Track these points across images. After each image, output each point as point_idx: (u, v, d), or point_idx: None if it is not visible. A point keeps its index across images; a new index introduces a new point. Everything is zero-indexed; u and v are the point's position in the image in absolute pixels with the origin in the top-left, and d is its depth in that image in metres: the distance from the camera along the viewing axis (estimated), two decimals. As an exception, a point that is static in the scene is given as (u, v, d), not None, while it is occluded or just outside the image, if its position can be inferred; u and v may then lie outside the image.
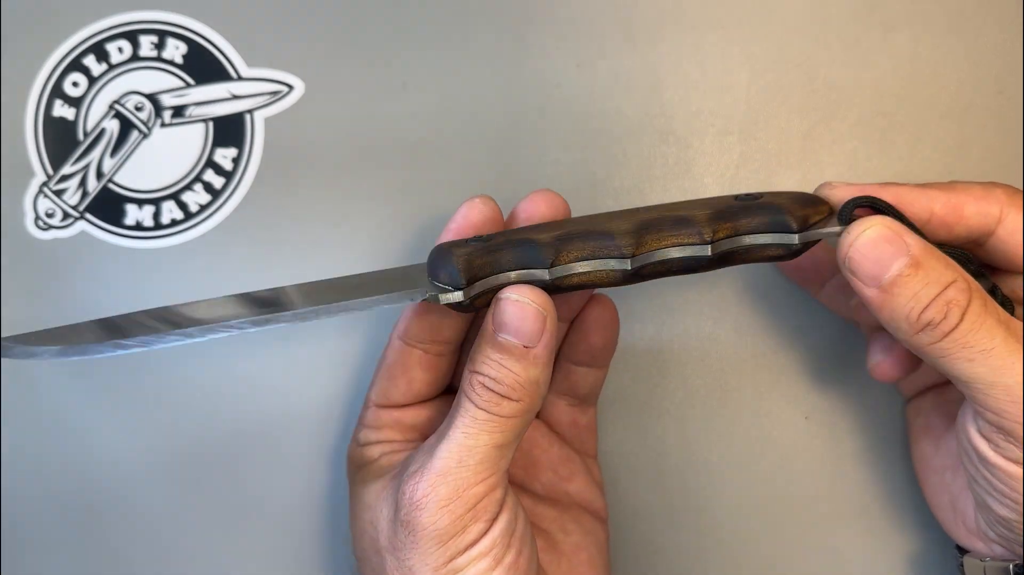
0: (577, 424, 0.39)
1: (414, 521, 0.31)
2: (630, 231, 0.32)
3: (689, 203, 0.33)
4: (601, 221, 0.33)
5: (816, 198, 0.33)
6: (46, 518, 0.42)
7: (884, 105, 0.41)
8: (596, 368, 0.38)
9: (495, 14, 0.41)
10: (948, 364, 0.31)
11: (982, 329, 0.31)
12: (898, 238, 0.31)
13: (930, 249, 0.31)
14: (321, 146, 0.42)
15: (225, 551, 0.42)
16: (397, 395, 0.35)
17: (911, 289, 0.31)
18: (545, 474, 0.39)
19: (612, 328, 0.37)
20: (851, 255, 0.31)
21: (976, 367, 0.31)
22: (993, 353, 0.30)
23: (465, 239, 0.33)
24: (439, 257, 0.32)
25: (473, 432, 0.31)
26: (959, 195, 0.33)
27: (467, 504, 0.31)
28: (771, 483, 0.41)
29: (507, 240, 0.32)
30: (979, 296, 0.31)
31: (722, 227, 0.32)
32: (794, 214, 0.32)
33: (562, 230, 0.32)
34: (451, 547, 0.31)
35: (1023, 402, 0.30)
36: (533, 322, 0.31)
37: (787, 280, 0.41)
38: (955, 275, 0.31)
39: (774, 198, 0.33)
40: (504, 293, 0.31)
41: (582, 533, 0.38)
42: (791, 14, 0.41)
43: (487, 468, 0.31)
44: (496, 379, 0.31)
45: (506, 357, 0.31)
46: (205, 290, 0.42)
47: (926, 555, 0.41)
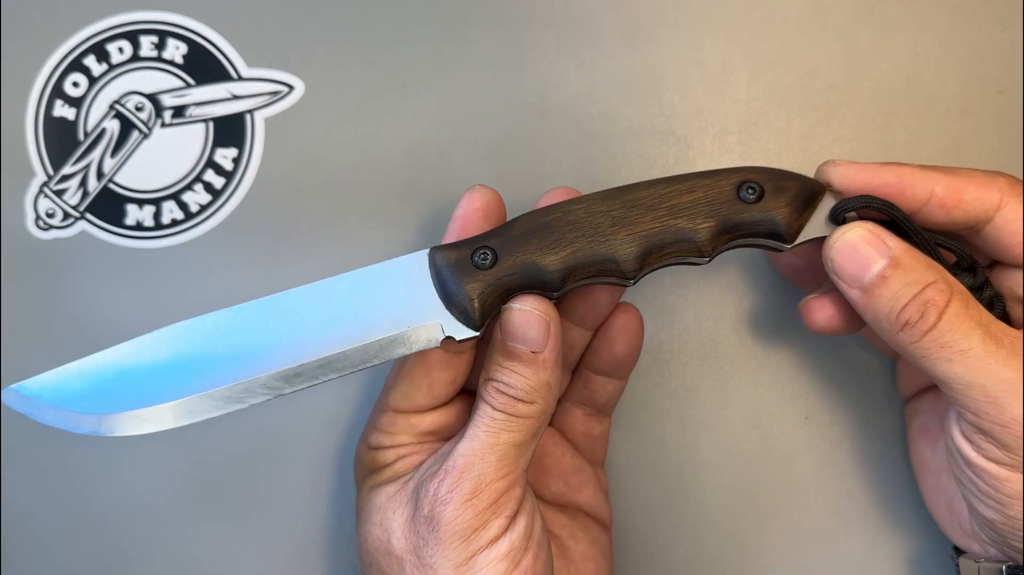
0: (591, 434, 0.39)
1: (438, 516, 0.32)
2: (636, 256, 0.33)
3: (692, 204, 0.33)
4: (606, 235, 0.33)
5: (815, 194, 0.33)
6: (46, 518, 0.42)
7: (884, 105, 0.41)
8: (616, 379, 0.38)
9: (495, 14, 0.41)
10: (929, 364, 0.32)
11: (960, 330, 0.31)
12: (878, 240, 0.32)
13: (911, 251, 0.32)
14: (321, 146, 0.42)
15: (229, 551, 0.42)
16: (419, 398, 0.35)
17: (890, 289, 0.31)
18: (556, 483, 0.39)
19: (637, 338, 0.38)
20: (833, 257, 0.32)
21: (954, 367, 0.31)
22: (970, 354, 0.31)
23: (472, 245, 0.33)
24: (455, 293, 0.33)
25: (494, 431, 0.32)
26: (960, 179, 0.34)
27: (489, 499, 0.32)
28: (771, 483, 0.41)
29: (516, 269, 0.33)
30: (960, 297, 0.31)
31: (722, 239, 0.33)
32: (791, 225, 0.33)
33: (569, 251, 0.33)
34: (473, 543, 0.32)
35: (1001, 403, 0.31)
36: (538, 329, 0.32)
37: (787, 280, 0.41)
38: (935, 276, 0.31)
39: (775, 202, 0.33)
40: (509, 303, 0.33)
41: (589, 541, 0.38)
42: (791, 14, 0.41)
43: (507, 465, 0.32)
44: (509, 384, 0.33)
45: (516, 363, 0.33)
46: (205, 290, 0.42)
47: (925, 555, 0.41)
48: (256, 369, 0.32)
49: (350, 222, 0.42)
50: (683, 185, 0.33)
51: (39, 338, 0.42)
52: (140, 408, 0.32)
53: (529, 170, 0.41)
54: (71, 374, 0.33)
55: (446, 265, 0.33)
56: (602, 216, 0.33)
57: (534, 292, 0.33)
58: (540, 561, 0.33)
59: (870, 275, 0.32)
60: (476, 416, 0.33)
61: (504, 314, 0.33)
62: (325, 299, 0.33)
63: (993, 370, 0.31)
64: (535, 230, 0.33)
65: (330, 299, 0.33)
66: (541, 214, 0.33)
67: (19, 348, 0.42)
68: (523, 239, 0.33)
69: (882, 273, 0.31)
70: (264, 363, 0.32)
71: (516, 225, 0.33)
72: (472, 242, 0.33)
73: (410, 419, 0.36)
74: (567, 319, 0.37)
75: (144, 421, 0.32)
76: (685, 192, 0.33)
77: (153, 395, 0.32)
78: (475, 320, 0.33)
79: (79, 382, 0.33)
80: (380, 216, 0.41)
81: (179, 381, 0.32)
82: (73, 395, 0.33)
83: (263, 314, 0.33)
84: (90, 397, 0.32)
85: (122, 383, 0.32)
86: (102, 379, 0.33)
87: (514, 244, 0.33)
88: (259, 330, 0.33)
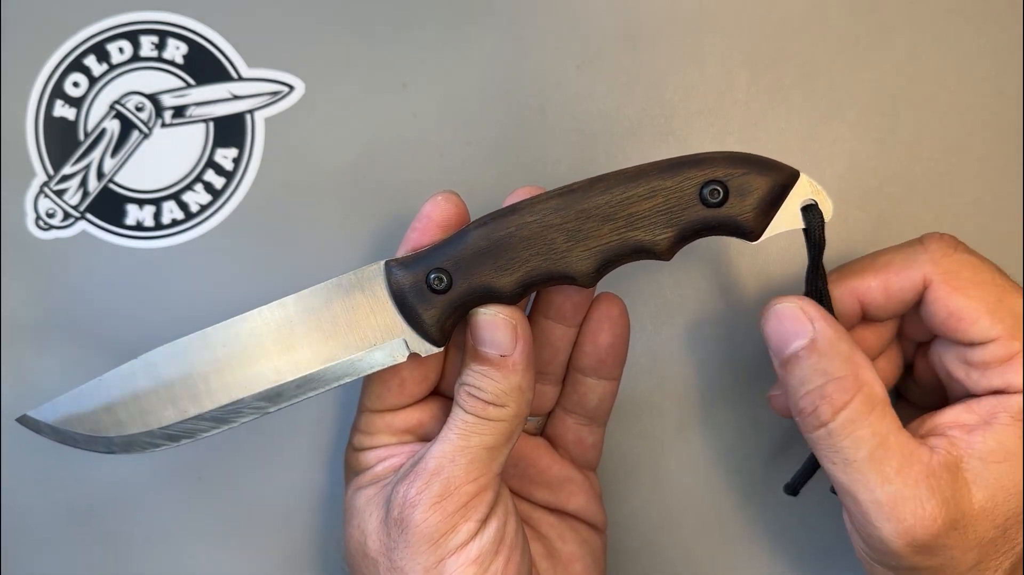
0: (583, 443, 0.39)
1: (407, 519, 0.32)
2: (592, 271, 0.32)
3: (651, 212, 0.32)
4: (560, 253, 0.32)
5: (786, 188, 0.32)
6: (47, 518, 0.42)
7: (884, 105, 0.41)
8: (605, 379, 0.38)
9: (495, 14, 0.41)
10: (818, 456, 0.32)
11: (850, 437, 0.31)
12: (806, 319, 0.31)
13: (837, 340, 0.31)
14: (321, 146, 0.42)
15: (220, 553, 0.42)
16: (391, 397, 0.36)
17: (799, 372, 0.31)
18: (543, 492, 0.39)
19: (621, 327, 0.37)
20: (764, 324, 0.32)
21: (836, 472, 0.31)
22: (853, 466, 0.30)
23: (427, 265, 0.33)
24: (414, 317, 0.33)
25: (465, 433, 0.32)
26: (881, 272, 0.33)
27: (458, 502, 0.32)
28: (770, 484, 0.41)
29: (471, 292, 0.33)
30: (864, 401, 0.31)
31: (682, 244, 0.33)
32: (757, 226, 0.32)
33: (523, 272, 0.32)
34: (441, 546, 0.32)
35: (871, 521, 0.30)
36: (504, 332, 0.33)
37: (787, 280, 0.41)
38: (844, 372, 0.31)
39: (739, 204, 0.32)
40: (477, 308, 0.33)
41: (578, 542, 0.38)
42: (791, 14, 0.41)
43: (478, 468, 0.32)
44: (480, 387, 0.33)
45: (487, 367, 0.33)
46: (205, 290, 0.42)
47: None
48: (240, 391, 0.33)
49: (350, 222, 0.42)
50: (642, 189, 0.32)
51: (39, 338, 0.42)
52: None
53: (529, 170, 0.41)
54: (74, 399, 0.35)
55: (402, 288, 0.33)
56: (556, 231, 0.32)
57: None
58: (513, 564, 0.33)
59: (788, 351, 0.32)
60: (449, 419, 0.33)
61: (472, 320, 0.33)
62: (288, 322, 0.34)
63: (870, 487, 0.30)
64: (488, 249, 0.32)
65: (292, 321, 0.34)
66: (494, 229, 0.32)
67: (19, 348, 0.42)
68: (476, 260, 0.33)
69: (797, 353, 0.31)
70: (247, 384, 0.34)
71: (468, 241, 0.33)
72: (426, 261, 0.33)
73: (385, 418, 0.36)
74: (545, 315, 0.37)
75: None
76: (644, 198, 0.32)
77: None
78: (437, 340, 0.33)
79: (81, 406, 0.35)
80: (380, 216, 0.41)
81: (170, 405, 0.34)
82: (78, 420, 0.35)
83: (229, 339, 0.34)
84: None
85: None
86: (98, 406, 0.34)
87: (468, 266, 0.33)
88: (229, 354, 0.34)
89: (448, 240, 0.33)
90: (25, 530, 0.42)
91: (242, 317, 0.34)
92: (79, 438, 0.34)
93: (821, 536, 0.42)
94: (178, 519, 0.42)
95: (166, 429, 0.34)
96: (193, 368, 0.33)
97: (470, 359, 0.33)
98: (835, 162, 0.41)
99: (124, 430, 0.34)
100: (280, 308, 0.34)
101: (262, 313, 0.34)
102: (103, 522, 0.42)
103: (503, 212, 0.33)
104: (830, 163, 0.41)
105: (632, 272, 0.41)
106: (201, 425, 0.34)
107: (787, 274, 0.41)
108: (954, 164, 0.41)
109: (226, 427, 0.34)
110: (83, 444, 0.34)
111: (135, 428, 0.34)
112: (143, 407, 0.34)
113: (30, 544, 0.42)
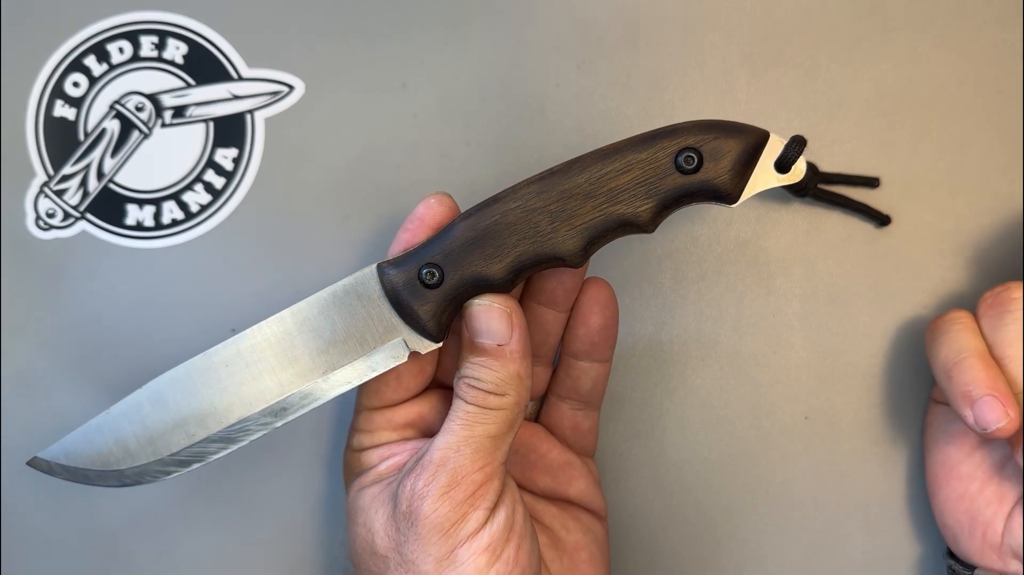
0: (579, 428, 0.39)
1: (416, 511, 0.32)
2: (580, 248, 0.33)
3: (629, 184, 0.33)
4: (547, 234, 0.33)
5: (758, 148, 0.33)
6: (47, 518, 0.42)
7: (884, 105, 0.41)
8: (597, 362, 0.38)
9: (495, 14, 0.41)
10: None
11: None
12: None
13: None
14: (321, 146, 0.42)
15: (222, 554, 0.42)
16: (389, 392, 0.36)
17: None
18: (544, 478, 0.39)
19: (611, 308, 0.38)
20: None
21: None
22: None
23: (418, 262, 0.33)
24: (410, 314, 0.34)
25: (468, 423, 0.33)
26: None
27: (466, 491, 0.32)
28: (771, 483, 0.41)
29: (463, 283, 0.33)
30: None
31: (665, 213, 0.33)
32: (734, 188, 0.33)
33: (513, 257, 0.33)
34: (452, 536, 0.32)
35: None
36: (500, 321, 0.33)
37: (787, 280, 0.41)
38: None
39: (715, 168, 0.32)
40: (471, 300, 0.34)
41: (582, 531, 0.38)
42: (791, 14, 0.41)
43: (483, 457, 0.33)
44: (479, 378, 0.33)
45: (484, 357, 0.33)
46: (205, 290, 0.42)
47: (924, 556, 0.41)
48: (246, 409, 0.34)
49: (350, 222, 0.42)
50: (618, 164, 0.33)
51: (39, 338, 0.42)
52: None
53: (529, 170, 0.41)
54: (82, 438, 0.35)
55: (395, 287, 0.33)
56: (540, 214, 0.33)
57: None
58: (523, 551, 0.33)
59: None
60: (451, 412, 0.34)
61: (467, 312, 0.34)
62: (287, 335, 0.34)
63: None
64: (476, 239, 0.33)
65: (291, 334, 0.34)
66: (479, 219, 0.33)
67: (19, 348, 0.42)
68: (465, 250, 0.33)
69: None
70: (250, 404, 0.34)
71: (456, 234, 0.33)
72: (417, 257, 0.33)
73: (385, 414, 0.36)
74: (537, 302, 0.37)
75: None
76: (621, 172, 0.33)
77: None
78: (435, 335, 0.34)
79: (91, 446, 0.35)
80: (380, 216, 0.41)
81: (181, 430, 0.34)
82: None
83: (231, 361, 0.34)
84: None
85: None
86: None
87: (457, 257, 0.33)
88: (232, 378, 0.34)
89: (436, 235, 0.34)
90: (25, 530, 0.42)
91: (242, 335, 0.34)
92: (91, 474, 0.35)
93: (824, 537, 0.42)
94: (177, 518, 0.42)
95: (176, 455, 0.34)
96: (198, 391, 0.34)
97: (467, 352, 0.34)
98: (835, 162, 0.41)
99: (135, 461, 0.34)
100: (278, 323, 0.34)
101: (261, 329, 0.34)
102: (103, 522, 0.42)
103: (486, 202, 0.33)
104: (830, 163, 0.41)
105: (632, 272, 0.41)
106: (210, 447, 0.34)
107: (787, 274, 0.41)
108: (954, 164, 0.41)
109: (235, 446, 0.34)
110: (95, 480, 0.35)
111: (145, 458, 0.34)
112: (152, 435, 0.34)
113: (30, 544, 0.42)
